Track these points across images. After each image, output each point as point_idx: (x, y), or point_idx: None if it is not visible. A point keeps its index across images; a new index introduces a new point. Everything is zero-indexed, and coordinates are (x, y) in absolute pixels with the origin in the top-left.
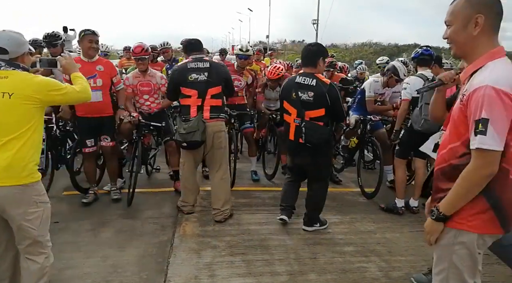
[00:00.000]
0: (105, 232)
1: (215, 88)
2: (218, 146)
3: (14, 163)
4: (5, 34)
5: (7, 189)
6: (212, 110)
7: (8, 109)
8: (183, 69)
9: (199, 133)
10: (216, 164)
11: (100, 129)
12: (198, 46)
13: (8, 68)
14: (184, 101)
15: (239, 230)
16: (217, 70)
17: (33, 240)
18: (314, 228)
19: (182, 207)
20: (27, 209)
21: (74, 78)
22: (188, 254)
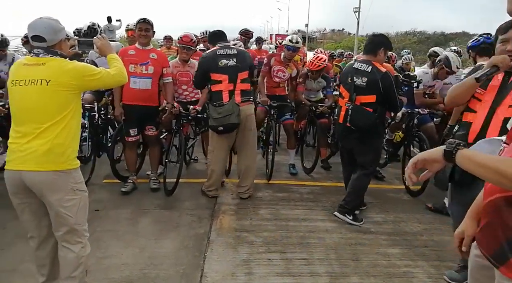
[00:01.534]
0: (143, 222)
1: (244, 73)
2: (249, 128)
3: (53, 149)
4: (42, 22)
5: (46, 174)
6: (242, 94)
7: (46, 96)
8: (213, 56)
9: (235, 115)
10: (247, 145)
11: (144, 119)
12: (223, 36)
13: (46, 55)
14: (215, 87)
15: (276, 225)
16: (244, 56)
17: (70, 227)
18: (345, 219)
19: (208, 191)
20: (64, 196)
21: (109, 60)
22: (224, 249)
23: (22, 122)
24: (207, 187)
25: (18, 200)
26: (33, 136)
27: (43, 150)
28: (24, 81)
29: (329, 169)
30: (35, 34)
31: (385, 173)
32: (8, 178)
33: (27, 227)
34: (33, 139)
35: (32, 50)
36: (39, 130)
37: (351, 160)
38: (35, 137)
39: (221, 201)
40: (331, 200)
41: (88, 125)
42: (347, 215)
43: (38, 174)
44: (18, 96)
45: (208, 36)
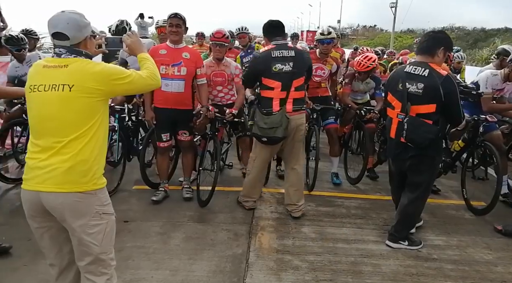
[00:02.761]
0: (176, 237)
1: (299, 79)
2: (298, 139)
3: (76, 167)
4: (64, 17)
5: (67, 196)
6: (295, 102)
7: (68, 104)
8: (267, 58)
9: (282, 129)
10: (294, 158)
11: (176, 123)
12: (281, 30)
13: (69, 55)
14: (266, 93)
15: (323, 247)
16: (302, 58)
17: (94, 257)
18: (400, 246)
19: (245, 202)
20: (88, 221)
21: (140, 59)
22: (266, 275)
23: (41, 135)
24: (244, 198)
25: (37, 224)
26: (54, 151)
27: (64, 168)
28: (43, 86)
29: (376, 179)
30: (57, 31)
31: (439, 185)
32: (25, 199)
33: (46, 254)
34: (54, 154)
35: (54, 50)
36: (61, 144)
37: (403, 181)
38: (56, 153)
39: (259, 214)
40: (382, 217)
41: (118, 128)
42: (401, 242)
43: (59, 196)
44: (37, 104)
45: (263, 28)
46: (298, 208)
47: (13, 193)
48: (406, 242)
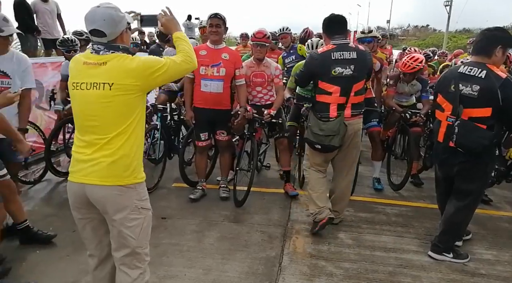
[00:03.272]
0: (210, 236)
1: (360, 84)
2: (355, 146)
3: (119, 161)
4: (100, 13)
5: (110, 189)
6: (353, 107)
7: (109, 102)
8: (326, 60)
9: (338, 137)
10: (347, 165)
11: (215, 123)
12: (343, 26)
13: (107, 51)
14: (322, 97)
15: (360, 255)
16: (364, 60)
17: (131, 250)
18: (444, 258)
19: (317, 214)
20: (128, 215)
21: (176, 39)
22: (298, 280)
23: (85, 132)
24: (315, 211)
25: (80, 215)
26: (98, 147)
27: (108, 163)
28: (85, 84)
29: (421, 186)
30: (94, 28)
31: (491, 195)
32: (70, 191)
33: (87, 245)
34: (97, 150)
35: (92, 46)
36: (104, 141)
37: (449, 188)
38: (99, 149)
39: (294, 217)
40: (425, 226)
41: (160, 126)
42: (445, 254)
43: (102, 188)
44: (80, 102)
45: (323, 23)
46: (338, 215)
47: (63, 186)
48: (451, 254)
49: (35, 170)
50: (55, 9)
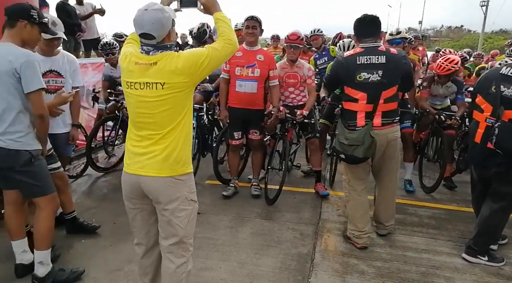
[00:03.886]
0: (243, 232)
1: (390, 90)
2: (391, 156)
3: (171, 155)
4: (148, 17)
5: (164, 180)
6: (384, 115)
7: (162, 101)
8: (351, 65)
9: (363, 148)
10: (387, 176)
11: (248, 122)
12: (374, 28)
13: (156, 52)
14: (349, 105)
15: (392, 255)
16: (396, 64)
17: (179, 239)
18: (478, 261)
19: (355, 237)
20: (178, 205)
21: (216, 21)
22: (331, 276)
23: (140, 128)
24: (353, 233)
25: (132, 205)
26: (152, 141)
27: (162, 156)
28: (139, 84)
29: (454, 189)
30: (143, 32)
31: None
32: (125, 182)
33: (136, 234)
34: (152, 144)
35: (142, 47)
36: (158, 136)
37: (485, 190)
38: (154, 143)
39: (325, 217)
40: (458, 228)
41: (196, 125)
42: (480, 257)
43: (157, 180)
44: (134, 100)
45: (354, 25)
46: (385, 227)
47: (102, 181)
48: (486, 257)
49: (76, 165)
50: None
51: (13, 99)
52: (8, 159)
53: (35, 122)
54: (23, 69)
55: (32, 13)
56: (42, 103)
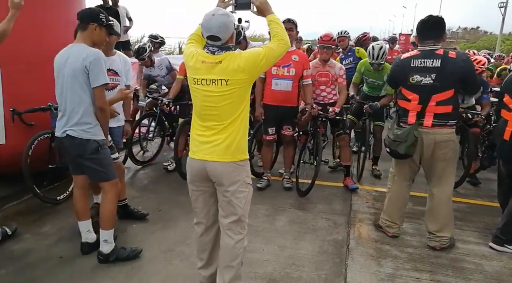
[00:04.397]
0: (280, 220)
1: (443, 94)
2: (441, 158)
3: (233, 143)
4: (216, 21)
5: (227, 165)
6: (436, 117)
7: (225, 96)
8: (405, 67)
9: (405, 145)
10: (435, 177)
11: (282, 119)
12: (436, 30)
13: (221, 52)
14: (403, 103)
15: (421, 243)
16: (452, 68)
17: (237, 217)
18: (505, 250)
19: (386, 227)
20: (238, 187)
21: (269, 22)
22: (366, 259)
23: (205, 119)
24: (386, 221)
25: (195, 187)
26: (216, 131)
27: (225, 144)
28: (205, 80)
29: (478, 185)
30: (211, 34)
31: None
32: (191, 166)
33: (197, 214)
34: (216, 133)
35: (208, 47)
36: (221, 127)
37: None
38: (217, 132)
39: (356, 208)
40: (484, 221)
41: None
42: (506, 246)
43: (221, 164)
44: (201, 95)
45: (417, 25)
46: (434, 237)
47: (141, 173)
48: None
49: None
50: (124, 14)
51: (84, 94)
52: (79, 148)
53: (96, 114)
54: (92, 66)
55: (100, 16)
56: (104, 97)
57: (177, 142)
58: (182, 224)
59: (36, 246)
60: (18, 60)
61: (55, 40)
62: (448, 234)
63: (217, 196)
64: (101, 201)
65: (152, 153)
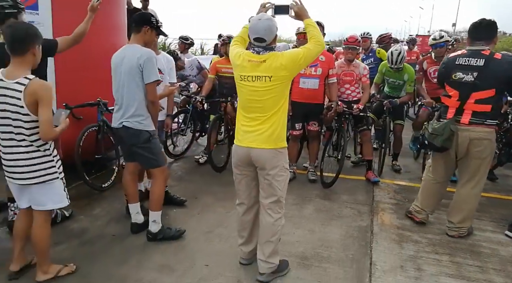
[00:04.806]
0: (307, 208)
1: (483, 93)
2: (475, 156)
3: (274, 132)
4: (262, 25)
5: (269, 152)
6: (474, 114)
7: (269, 90)
8: (450, 64)
9: (441, 139)
10: (467, 174)
11: (308, 115)
12: (488, 34)
13: (265, 52)
14: (444, 99)
15: (441, 230)
16: (496, 68)
17: (277, 198)
18: None
19: (415, 212)
20: (278, 171)
21: (307, 26)
22: (389, 243)
23: (250, 111)
24: (416, 208)
25: (239, 171)
26: (259, 121)
27: (268, 133)
28: (251, 77)
29: (495, 180)
30: (258, 36)
31: None
32: (237, 152)
33: (239, 195)
34: (259, 124)
35: (253, 48)
36: (264, 118)
37: None
38: (261, 123)
39: (378, 199)
40: (500, 212)
41: None
42: None
43: (264, 151)
44: (247, 90)
45: (469, 27)
46: (454, 227)
47: (175, 165)
48: None
49: None
50: None
51: (138, 90)
52: (133, 137)
53: (148, 107)
54: (145, 64)
55: (152, 19)
56: (155, 92)
57: (209, 136)
58: (218, 209)
59: (90, 226)
60: (70, 61)
61: (101, 43)
62: (468, 225)
63: (259, 179)
64: (151, 186)
65: (182, 148)
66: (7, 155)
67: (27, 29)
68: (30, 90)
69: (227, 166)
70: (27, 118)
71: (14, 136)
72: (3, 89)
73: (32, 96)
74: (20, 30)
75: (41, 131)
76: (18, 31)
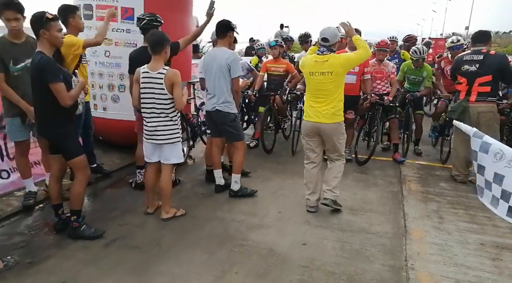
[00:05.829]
0: (348, 179)
1: (484, 78)
2: (485, 124)
3: (336, 111)
4: (329, 30)
5: (333, 125)
6: (479, 94)
7: (331, 82)
8: (460, 60)
9: (456, 113)
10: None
11: (346, 105)
12: (485, 39)
13: (327, 52)
14: (457, 86)
15: (457, 195)
16: (490, 61)
17: (339, 153)
18: None
19: (456, 176)
20: (339, 137)
21: (355, 41)
22: (417, 202)
23: (317, 96)
24: (455, 173)
25: (309, 138)
26: (324, 104)
27: (331, 112)
28: (318, 73)
29: None
30: (324, 37)
31: None
32: (307, 126)
33: (308, 156)
34: (324, 105)
35: (319, 49)
36: (328, 101)
37: None
38: (326, 105)
39: (404, 173)
40: None
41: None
42: None
43: (329, 125)
44: (314, 82)
45: (473, 35)
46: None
47: None
48: None
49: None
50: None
51: (226, 82)
52: (223, 118)
53: (233, 95)
54: (232, 63)
55: (232, 25)
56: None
57: (262, 124)
58: (276, 179)
59: (183, 187)
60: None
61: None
62: (466, 171)
63: (325, 143)
64: (234, 155)
65: None
66: (150, 123)
67: (162, 35)
68: (167, 77)
69: (273, 150)
70: (166, 96)
71: (155, 110)
72: (150, 78)
73: (169, 80)
74: (159, 37)
75: (177, 103)
76: (158, 37)
